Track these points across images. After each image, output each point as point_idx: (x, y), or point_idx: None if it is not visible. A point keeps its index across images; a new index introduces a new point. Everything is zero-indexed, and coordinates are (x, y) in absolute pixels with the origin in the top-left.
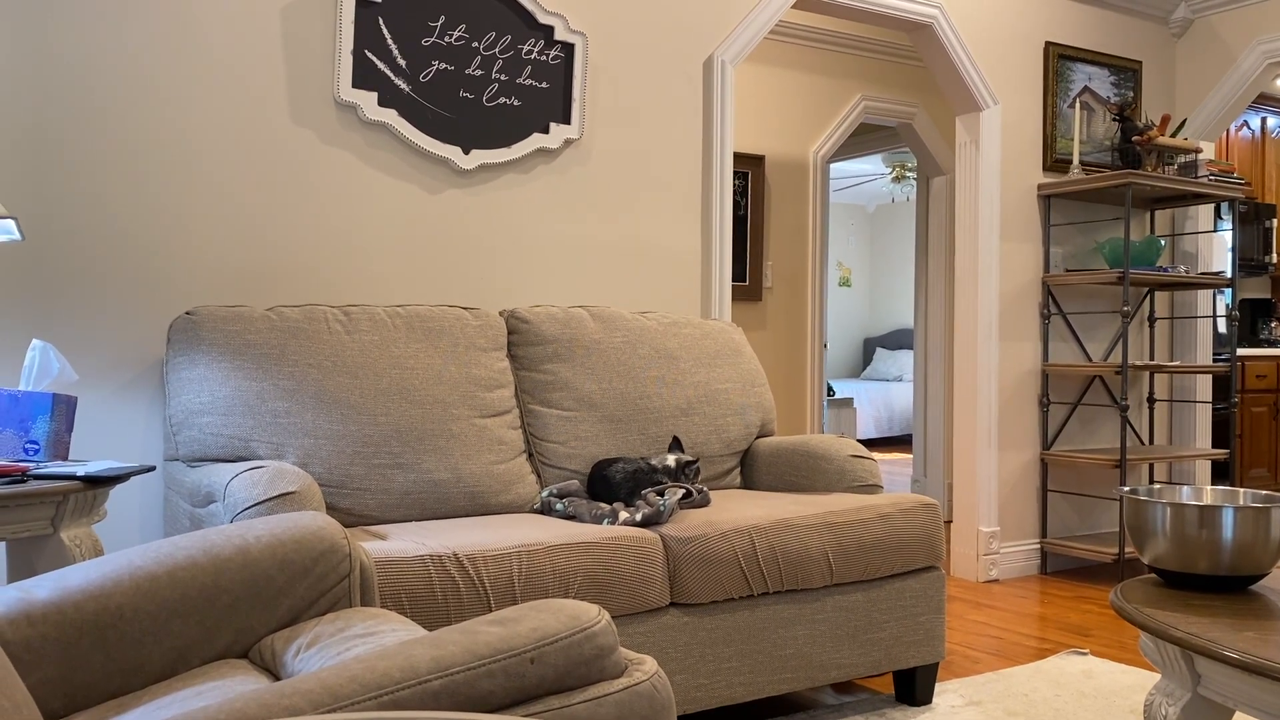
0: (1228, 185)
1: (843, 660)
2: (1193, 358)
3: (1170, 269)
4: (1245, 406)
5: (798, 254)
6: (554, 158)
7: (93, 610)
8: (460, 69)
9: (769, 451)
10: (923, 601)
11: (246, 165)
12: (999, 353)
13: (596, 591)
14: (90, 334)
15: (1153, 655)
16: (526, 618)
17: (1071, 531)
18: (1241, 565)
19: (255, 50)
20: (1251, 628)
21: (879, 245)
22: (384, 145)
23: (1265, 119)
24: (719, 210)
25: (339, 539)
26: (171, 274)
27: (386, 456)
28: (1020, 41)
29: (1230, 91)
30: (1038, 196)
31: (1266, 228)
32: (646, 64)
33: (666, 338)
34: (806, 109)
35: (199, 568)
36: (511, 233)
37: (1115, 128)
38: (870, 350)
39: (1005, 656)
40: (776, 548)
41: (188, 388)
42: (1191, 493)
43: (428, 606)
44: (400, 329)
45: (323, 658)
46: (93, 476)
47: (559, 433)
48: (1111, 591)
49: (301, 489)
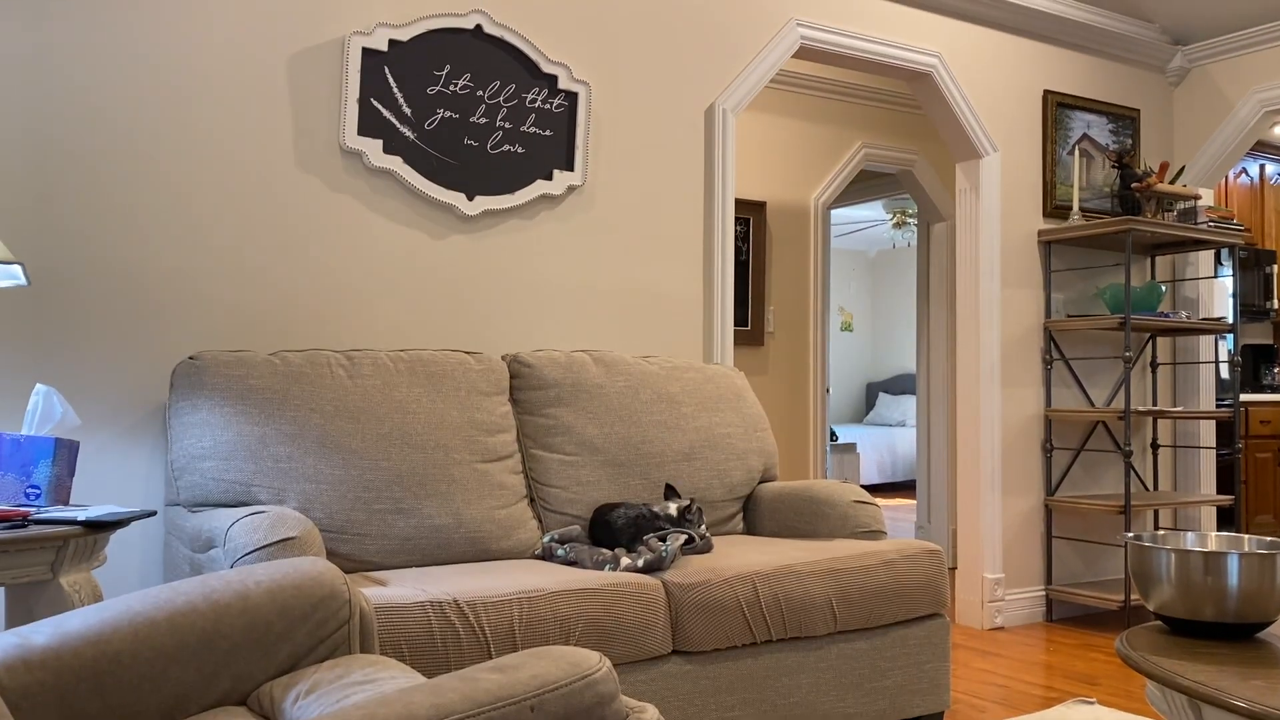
0: (1227, 231)
1: (847, 709)
2: (1195, 403)
3: (1172, 314)
4: (1249, 452)
5: (799, 299)
6: (557, 204)
7: (91, 656)
8: (465, 117)
9: (772, 497)
10: (928, 649)
11: (252, 211)
12: (1001, 398)
13: (598, 638)
14: (93, 379)
15: (1160, 704)
16: (527, 665)
17: (1076, 578)
18: (1248, 612)
19: (262, 98)
20: (1259, 676)
21: (880, 290)
22: (389, 192)
23: (1264, 166)
24: (720, 255)
25: (339, 585)
26: (175, 318)
27: (388, 501)
28: (1019, 90)
29: (1228, 139)
30: (1038, 242)
31: (1267, 273)
32: (649, 112)
33: (669, 382)
34: (807, 156)
35: (198, 613)
36: (515, 278)
37: (1114, 174)
38: (873, 395)
39: (1011, 705)
40: (780, 595)
41: (190, 432)
42: (1196, 539)
43: (428, 653)
44: (403, 373)
45: (321, 705)
46: (93, 521)
47: (560, 477)
48: (1117, 639)
49: (302, 534)
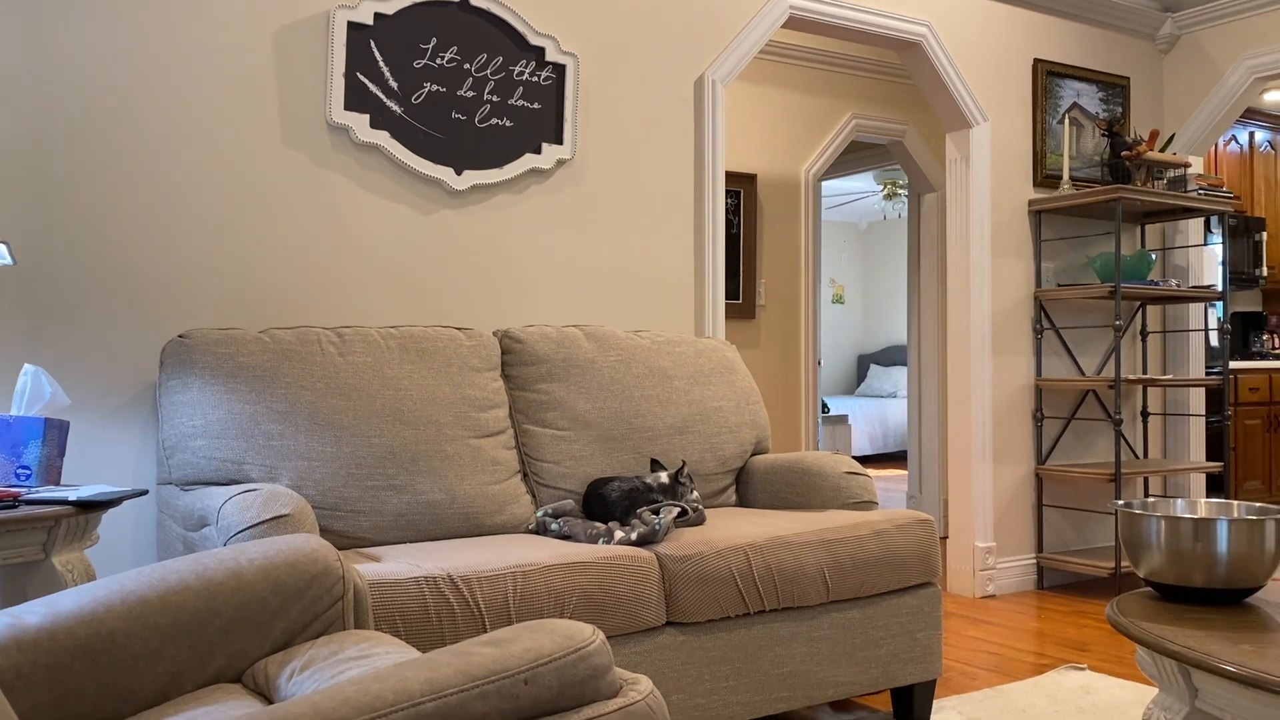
0: (1217, 199)
1: (840, 678)
2: (1185, 371)
3: (1161, 283)
4: (1239, 419)
5: (791, 271)
6: (546, 178)
7: (84, 635)
8: (452, 90)
9: (764, 469)
10: (919, 618)
11: (239, 187)
12: (992, 368)
13: (592, 611)
14: (82, 358)
15: (1150, 669)
16: (520, 638)
17: (1067, 546)
18: (1237, 578)
19: (247, 73)
20: (1248, 640)
21: (871, 262)
22: (376, 167)
23: (1253, 133)
24: (711, 228)
25: (332, 561)
26: (164, 297)
27: (380, 478)
28: (1009, 59)
29: (1218, 106)
30: (1028, 212)
31: (1256, 241)
32: (638, 84)
33: (660, 356)
34: (797, 127)
35: (192, 591)
36: (505, 253)
37: (1104, 143)
38: (864, 367)
39: (1003, 672)
40: (772, 565)
41: (180, 411)
42: (1186, 506)
43: (422, 628)
44: (394, 350)
45: (316, 681)
46: (85, 501)
47: (553, 452)
48: (1108, 606)
49: (295, 511)
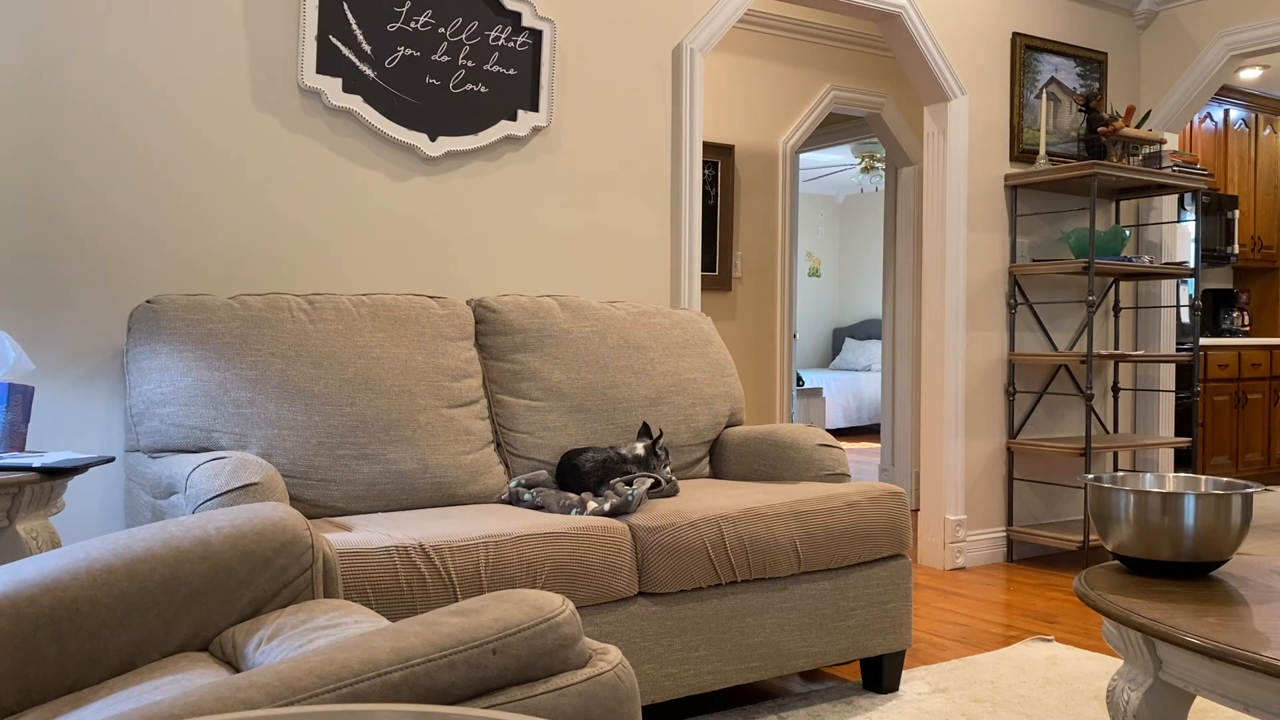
0: (1191, 176)
1: (811, 648)
2: (1156, 347)
3: (1135, 259)
4: (1207, 395)
5: (767, 244)
6: (522, 145)
7: (48, 604)
8: (426, 55)
9: (738, 441)
10: (890, 589)
11: (208, 151)
12: (966, 342)
13: (564, 582)
14: (48, 323)
15: (1116, 641)
16: (489, 608)
17: (1037, 519)
18: (1203, 552)
19: (217, 35)
20: (1212, 613)
21: (848, 235)
22: (349, 132)
23: (1228, 111)
24: (688, 199)
25: (301, 530)
26: (132, 262)
27: (351, 447)
28: (988, 32)
29: (1194, 83)
30: (1005, 187)
31: (1229, 219)
32: (615, 52)
33: (635, 327)
34: (775, 99)
35: (158, 560)
36: (479, 221)
37: (1081, 119)
38: (839, 340)
39: (971, 644)
40: (745, 537)
41: (148, 378)
42: (1154, 480)
43: (393, 598)
44: (365, 318)
45: (284, 650)
46: (50, 468)
47: (527, 423)
48: (1076, 578)
49: (264, 480)
